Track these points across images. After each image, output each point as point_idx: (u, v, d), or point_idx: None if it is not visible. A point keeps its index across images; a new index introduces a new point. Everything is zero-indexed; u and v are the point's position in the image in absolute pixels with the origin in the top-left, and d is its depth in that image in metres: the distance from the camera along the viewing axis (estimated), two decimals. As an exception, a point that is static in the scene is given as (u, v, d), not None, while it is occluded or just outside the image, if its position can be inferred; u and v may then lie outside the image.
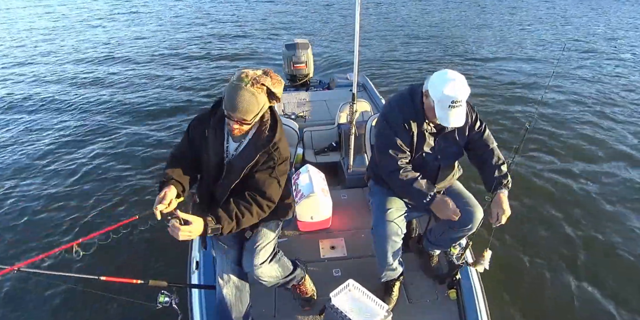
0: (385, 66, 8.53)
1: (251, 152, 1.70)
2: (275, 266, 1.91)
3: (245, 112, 1.56)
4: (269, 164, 1.72)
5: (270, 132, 1.71)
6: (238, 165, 1.72)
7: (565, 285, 3.02)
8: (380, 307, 1.92)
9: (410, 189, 1.89)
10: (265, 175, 1.73)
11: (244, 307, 1.89)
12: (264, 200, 1.72)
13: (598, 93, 6.99)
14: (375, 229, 2.05)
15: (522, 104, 6.42)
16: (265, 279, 1.86)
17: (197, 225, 1.54)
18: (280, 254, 1.97)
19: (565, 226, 3.62)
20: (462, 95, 1.67)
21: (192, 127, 1.80)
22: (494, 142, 1.99)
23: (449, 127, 1.88)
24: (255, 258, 1.80)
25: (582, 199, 4.03)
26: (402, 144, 1.89)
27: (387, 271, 2.14)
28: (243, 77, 1.56)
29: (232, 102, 1.55)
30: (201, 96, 6.91)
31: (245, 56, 9.44)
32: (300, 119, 4.09)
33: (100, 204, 4.01)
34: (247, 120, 1.59)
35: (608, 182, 4.34)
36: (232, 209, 1.64)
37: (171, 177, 1.69)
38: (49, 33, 12.15)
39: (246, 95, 1.54)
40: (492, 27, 12.71)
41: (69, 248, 1.75)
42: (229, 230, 1.63)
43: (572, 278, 3.08)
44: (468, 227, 2.02)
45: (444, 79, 1.67)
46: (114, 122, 5.90)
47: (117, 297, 2.00)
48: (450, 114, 1.71)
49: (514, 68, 8.40)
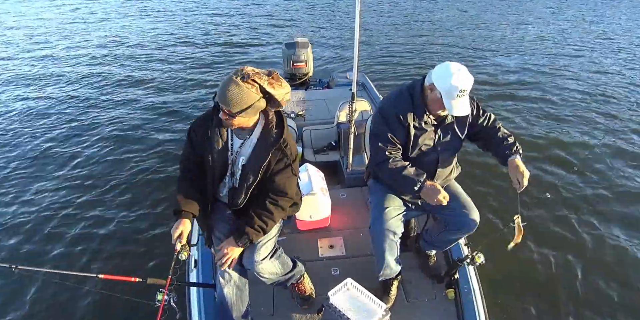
0: (385, 65, 8.54)
1: (262, 151, 1.72)
2: (276, 262, 1.92)
3: (229, 103, 1.57)
4: (284, 162, 1.75)
5: (278, 129, 1.74)
6: (252, 167, 1.74)
7: (564, 285, 3.03)
8: (379, 306, 1.92)
9: (399, 177, 1.88)
10: (284, 176, 1.76)
11: (244, 306, 1.90)
12: (286, 202, 1.80)
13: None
14: (372, 227, 2.05)
15: (527, 102, 6.45)
16: (265, 276, 1.88)
17: (231, 249, 1.75)
18: (280, 251, 1.98)
19: (565, 226, 3.63)
20: (468, 84, 1.73)
21: (192, 130, 1.80)
22: (500, 123, 2.01)
23: (448, 119, 1.93)
24: (256, 254, 1.81)
25: (584, 198, 4.02)
26: (393, 137, 1.91)
27: (385, 270, 2.14)
28: (238, 70, 1.58)
29: (221, 91, 1.58)
30: (195, 93, 6.93)
31: (245, 55, 9.43)
32: (300, 117, 4.09)
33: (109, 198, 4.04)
34: (232, 112, 1.59)
35: (610, 178, 4.32)
36: (254, 223, 1.74)
37: (181, 209, 1.76)
38: (60, 29, 12.14)
39: (234, 87, 1.55)
40: (493, 26, 12.71)
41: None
42: (257, 238, 1.79)
43: (571, 277, 3.09)
44: (463, 229, 2.03)
45: (450, 70, 1.73)
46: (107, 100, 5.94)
47: (115, 295, 2.00)
48: (458, 103, 1.76)
49: (515, 67, 8.41)
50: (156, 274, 1.88)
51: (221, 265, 1.76)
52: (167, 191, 4.12)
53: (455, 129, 1.97)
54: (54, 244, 3.50)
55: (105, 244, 3.48)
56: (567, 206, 3.89)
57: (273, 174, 1.76)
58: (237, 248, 1.76)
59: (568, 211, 3.82)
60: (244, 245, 1.77)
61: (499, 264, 2.97)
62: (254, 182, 1.76)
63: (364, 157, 3.30)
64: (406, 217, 2.13)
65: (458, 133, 1.99)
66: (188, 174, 1.85)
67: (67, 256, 3.38)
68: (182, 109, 6.23)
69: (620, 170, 4.54)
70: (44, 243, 3.52)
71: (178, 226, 1.74)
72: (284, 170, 1.76)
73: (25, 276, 3.03)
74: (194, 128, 1.80)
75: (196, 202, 1.80)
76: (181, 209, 1.77)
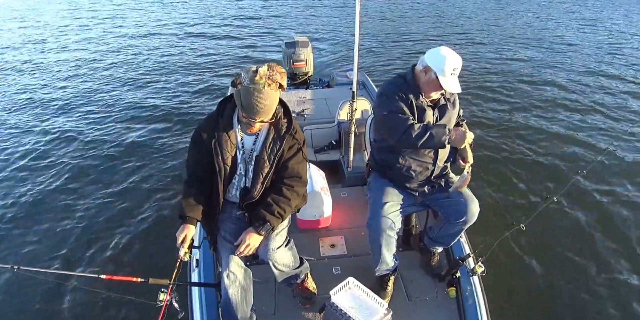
0: (386, 65, 8.53)
1: (277, 140, 1.75)
2: (289, 253, 1.97)
3: (268, 113, 1.61)
4: (296, 147, 1.80)
5: (287, 116, 1.78)
6: (268, 156, 1.76)
7: (564, 285, 3.02)
8: (380, 305, 1.92)
9: (429, 135, 1.90)
10: (296, 160, 1.81)
11: (248, 307, 1.90)
12: (301, 186, 1.85)
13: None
14: (370, 222, 2.08)
15: (523, 99, 6.44)
16: (279, 267, 1.91)
17: (252, 238, 1.76)
18: (292, 243, 2.02)
19: (565, 226, 3.63)
20: (459, 63, 1.89)
21: (198, 135, 1.77)
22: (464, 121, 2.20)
23: (442, 101, 2.03)
24: (272, 243, 1.85)
25: (587, 200, 3.99)
26: (404, 108, 1.97)
27: (381, 265, 2.17)
28: (257, 79, 1.55)
29: (253, 105, 1.56)
30: (195, 93, 6.94)
31: (245, 55, 9.43)
32: (300, 117, 4.08)
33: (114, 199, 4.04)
34: (269, 119, 1.64)
35: (618, 185, 4.24)
36: (274, 209, 1.76)
37: (186, 215, 1.77)
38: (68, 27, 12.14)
39: (266, 97, 1.56)
40: (494, 25, 12.69)
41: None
42: (278, 225, 1.81)
43: (571, 277, 3.08)
44: (462, 219, 2.06)
45: (443, 53, 1.88)
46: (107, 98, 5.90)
47: (117, 295, 2.00)
48: (453, 81, 1.89)
49: (517, 66, 8.40)
50: (158, 274, 1.88)
51: (239, 254, 1.78)
52: (169, 192, 4.13)
53: (449, 111, 2.05)
54: (56, 244, 3.51)
55: (108, 245, 3.49)
56: (569, 205, 3.87)
57: (286, 160, 1.79)
58: (258, 237, 1.77)
59: (570, 210, 3.81)
60: (266, 233, 1.78)
61: (501, 263, 2.97)
62: (269, 172, 1.78)
63: (365, 156, 3.29)
64: (405, 213, 2.16)
65: (452, 115, 2.07)
66: (195, 178, 1.84)
67: (70, 257, 3.39)
68: (182, 111, 6.21)
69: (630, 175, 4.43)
70: (45, 244, 3.53)
71: (182, 231, 1.75)
72: (296, 155, 1.80)
73: (27, 277, 3.05)
74: (200, 132, 1.77)
75: (201, 207, 1.80)
76: (186, 214, 1.77)
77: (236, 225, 1.91)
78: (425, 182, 2.13)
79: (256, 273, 1.97)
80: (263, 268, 2.01)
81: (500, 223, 3.53)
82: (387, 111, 1.98)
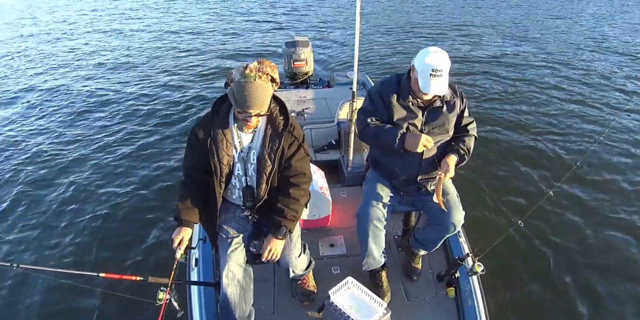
0: (386, 64, 8.53)
1: (275, 138, 1.75)
2: (305, 258, 2.04)
3: (262, 105, 1.61)
4: (296, 144, 1.80)
5: (283, 113, 1.77)
6: (269, 155, 1.76)
7: (564, 284, 3.03)
8: (379, 305, 1.92)
9: (382, 132, 1.95)
10: (298, 158, 1.82)
11: (247, 306, 1.90)
12: (307, 183, 1.87)
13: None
14: (360, 211, 2.11)
15: (525, 101, 6.46)
16: (297, 270, 2.00)
17: (274, 244, 1.79)
18: (307, 248, 2.10)
19: (563, 222, 3.63)
20: (442, 64, 1.81)
21: (195, 135, 1.76)
22: (474, 131, 2.08)
23: (437, 104, 1.97)
24: (294, 251, 1.92)
25: (589, 202, 3.98)
26: (375, 110, 2.02)
27: (368, 258, 2.16)
28: (248, 72, 1.57)
29: (247, 98, 1.57)
30: (199, 93, 6.93)
31: (244, 54, 9.42)
32: (300, 116, 4.08)
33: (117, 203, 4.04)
34: (261, 112, 1.64)
35: (619, 186, 4.22)
36: (287, 213, 1.79)
37: (182, 219, 1.78)
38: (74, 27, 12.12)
39: (258, 89, 1.57)
40: (494, 24, 12.68)
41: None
42: (294, 227, 1.85)
43: (571, 277, 3.09)
44: (443, 225, 2.06)
45: (426, 51, 1.85)
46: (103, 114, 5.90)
47: (117, 294, 2.00)
48: (432, 83, 1.82)
49: (517, 64, 8.41)
50: (158, 273, 1.88)
51: (265, 261, 1.83)
52: (169, 191, 4.13)
53: (444, 114, 1.99)
54: (56, 243, 3.51)
55: (107, 243, 3.49)
56: (570, 204, 3.88)
57: (288, 158, 1.80)
58: (279, 241, 1.81)
59: (570, 210, 3.81)
60: (284, 237, 1.82)
61: (500, 262, 2.97)
62: (273, 171, 1.77)
63: (364, 155, 3.29)
64: (394, 210, 2.19)
65: (447, 119, 2.00)
66: (191, 180, 1.84)
67: (69, 255, 3.39)
68: (182, 113, 6.20)
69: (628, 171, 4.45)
70: (45, 242, 3.53)
71: (179, 233, 1.77)
72: (297, 151, 1.81)
73: (27, 275, 3.05)
74: (196, 132, 1.76)
75: (197, 209, 1.82)
76: (181, 217, 1.78)
77: (240, 224, 1.92)
78: (411, 182, 2.11)
79: (255, 272, 1.97)
80: (262, 267, 2.01)
81: (498, 222, 3.54)
82: (361, 109, 2.09)
